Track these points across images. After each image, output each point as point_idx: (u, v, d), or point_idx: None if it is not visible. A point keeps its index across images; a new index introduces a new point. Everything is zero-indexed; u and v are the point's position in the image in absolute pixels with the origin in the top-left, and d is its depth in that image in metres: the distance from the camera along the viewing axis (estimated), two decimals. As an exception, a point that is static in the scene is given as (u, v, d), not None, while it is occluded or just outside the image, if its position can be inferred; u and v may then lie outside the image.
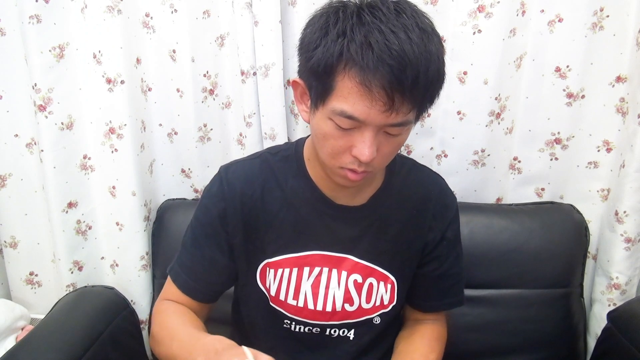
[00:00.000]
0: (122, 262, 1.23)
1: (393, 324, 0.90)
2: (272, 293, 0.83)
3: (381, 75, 0.60)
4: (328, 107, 0.65)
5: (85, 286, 1.20)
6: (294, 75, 0.71)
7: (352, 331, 0.85)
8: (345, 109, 0.63)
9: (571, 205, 1.16)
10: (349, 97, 0.62)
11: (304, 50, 0.68)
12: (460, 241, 0.90)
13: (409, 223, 0.84)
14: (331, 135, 0.67)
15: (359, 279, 0.82)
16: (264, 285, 0.84)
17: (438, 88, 0.66)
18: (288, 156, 0.84)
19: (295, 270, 0.82)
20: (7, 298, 1.27)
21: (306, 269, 0.82)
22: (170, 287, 0.86)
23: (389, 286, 0.84)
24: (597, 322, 1.15)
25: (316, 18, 0.67)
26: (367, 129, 0.65)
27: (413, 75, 0.60)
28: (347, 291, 0.82)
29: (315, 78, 0.65)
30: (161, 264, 1.21)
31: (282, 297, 0.82)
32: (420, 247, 0.85)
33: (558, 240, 1.10)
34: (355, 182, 0.72)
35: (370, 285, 0.83)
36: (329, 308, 0.82)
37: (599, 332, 1.05)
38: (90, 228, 1.21)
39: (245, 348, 0.62)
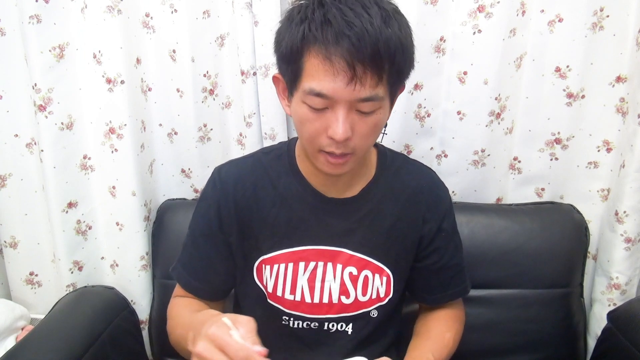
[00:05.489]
0: (122, 262, 1.23)
1: (392, 318, 0.90)
2: (270, 289, 0.84)
3: (341, 47, 0.63)
4: (300, 90, 0.68)
5: (85, 286, 1.20)
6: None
7: (350, 325, 0.85)
8: (314, 86, 0.66)
9: (571, 205, 1.16)
10: (316, 74, 0.65)
11: (275, 43, 0.72)
12: (457, 232, 0.91)
13: (402, 216, 0.85)
14: (307, 118, 0.69)
15: (354, 271, 0.83)
16: (261, 282, 0.85)
17: (403, 61, 0.68)
18: (280, 155, 0.86)
19: (290, 265, 0.83)
20: (7, 298, 1.27)
21: (301, 264, 0.83)
22: (178, 287, 0.88)
23: (384, 279, 0.85)
24: (597, 322, 1.15)
25: (285, 15, 0.71)
26: (337, 106, 0.67)
27: (372, 45, 0.63)
28: (342, 284, 0.83)
29: (286, 64, 0.70)
30: (161, 264, 1.21)
31: (279, 293, 0.83)
32: (415, 240, 0.86)
33: (558, 240, 1.10)
34: (337, 168, 0.73)
35: (366, 277, 0.84)
36: (325, 300, 0.83)
37: (599, 332, 1.05)
38: (90, 228, 1.21)
39: (224, 317, 0.62)
